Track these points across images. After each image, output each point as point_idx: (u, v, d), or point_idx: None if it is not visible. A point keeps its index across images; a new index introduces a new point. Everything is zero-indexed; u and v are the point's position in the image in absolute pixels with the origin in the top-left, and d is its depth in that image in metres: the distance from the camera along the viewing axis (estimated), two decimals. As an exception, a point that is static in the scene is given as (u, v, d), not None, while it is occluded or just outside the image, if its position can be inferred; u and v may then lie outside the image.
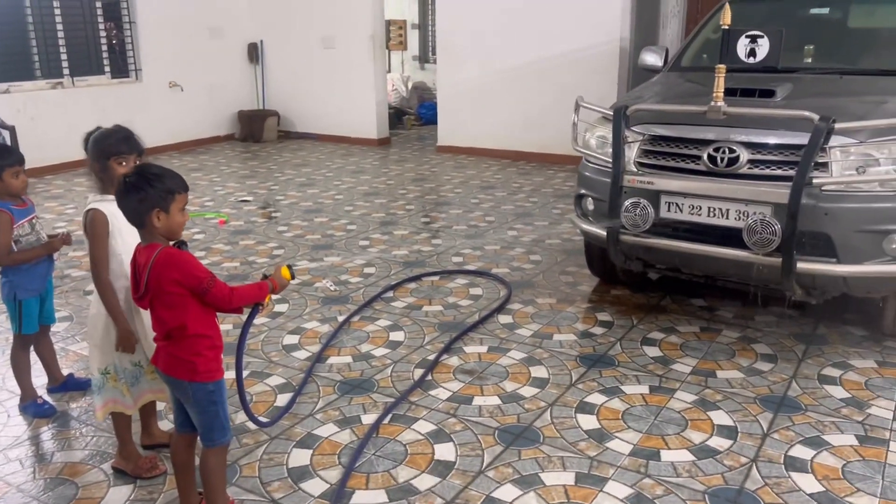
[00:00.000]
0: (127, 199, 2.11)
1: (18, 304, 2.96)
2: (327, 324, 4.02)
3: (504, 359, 3.59)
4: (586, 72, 8.05)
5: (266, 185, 7.51)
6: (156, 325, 2.19)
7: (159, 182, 2.12)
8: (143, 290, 2.12)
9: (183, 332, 2.14)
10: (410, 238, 5.64)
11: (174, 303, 2.14)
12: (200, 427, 2.23)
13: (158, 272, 2.09)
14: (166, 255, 2.11)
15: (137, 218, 2.12)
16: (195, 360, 2.16)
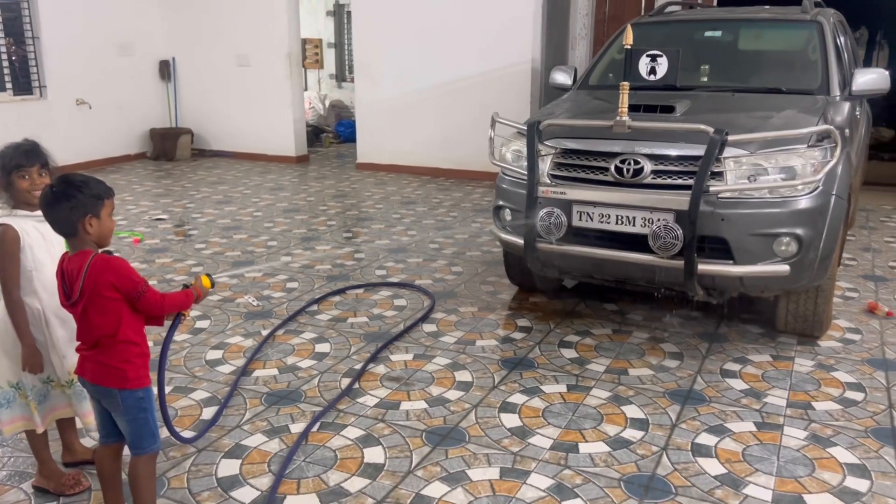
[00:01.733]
0: (56, 207, 2.10)
1: None
2: (251, 338, 4.02)
3: (429, 365, 3.70)
4: (501, 91, 8.33)
5: (181, 204, 7.39)
6: (85, 333, 2.18)
7: (87, 188, 2.13)
8: (78, 295, 2.12)
9: (113, 338, 2.15)
10: (333, 253, 5.69)
11: (108, 308, 2.15)
12: (130, 435, 2.23)
13: (95, 277, 2.10)
14: (102, 260, 2.12)
15: (69, 226, 2.12)
16: (125, 367, 2.16)
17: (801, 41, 4.81)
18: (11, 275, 2.38)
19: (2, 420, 2.52)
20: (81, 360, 2.23)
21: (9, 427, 2.53)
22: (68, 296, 2.16)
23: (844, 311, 4.43)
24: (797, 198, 3.48)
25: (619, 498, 2.63)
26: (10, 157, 2.41)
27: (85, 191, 2.14)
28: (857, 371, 3.66)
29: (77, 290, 2.12)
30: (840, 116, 4.01)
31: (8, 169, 2.40)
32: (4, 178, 2.40)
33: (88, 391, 2.28)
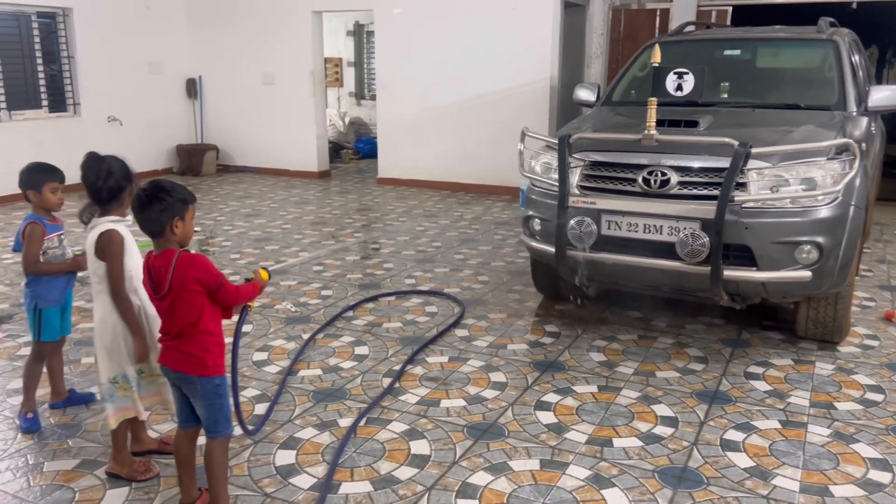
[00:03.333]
0: (148, 210, 2.30)
1: (38, 314, 3.07)
2: (293, 341, 4.21)
3: (465, 367, 3.87)
4: (519, 107, 8.55)
5: (212, 217, 7.62)
6: (169, 324, 2.38)
7: (175, 192, 2.34)
8: (166, 290, 2.31)
9: (195, 328, 2.34)
10: (362, 263, 5.89)
11: (192, 301, 2.35)
12: (206, 419, 2.42)
13: (181, 273, 2.30)
14: (187, 257, 2.32)
15: (157, 227, 2.32)
16: (204, 356, 2.36)
17: (817, 59, 5.00)
18: (120, 274, 2.60)
19: (108, 413, 2.73)
20: (164, 349, 2.42)
21: (114, 418, 2.73)
22: (156, 290, 2.35)
23: (862, 319, 4.58)
24: (817, 208, 3.66)
25: (654, 487, 2.79)
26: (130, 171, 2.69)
27: (174, 195, 2.35)
28: (877, 374, 3.81)
29: (166, 285, 2.31)
30: (858, 130, 4.19)
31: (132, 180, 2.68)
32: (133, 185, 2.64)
33: (170, 379, 2.47)
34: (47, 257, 3.06)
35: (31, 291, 3.09)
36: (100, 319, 2.68)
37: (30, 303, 3.10)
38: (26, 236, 2.99)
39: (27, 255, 3.00)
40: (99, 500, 2.66)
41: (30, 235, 2.99)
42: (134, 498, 2.68)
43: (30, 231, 2.99)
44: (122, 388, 2.69)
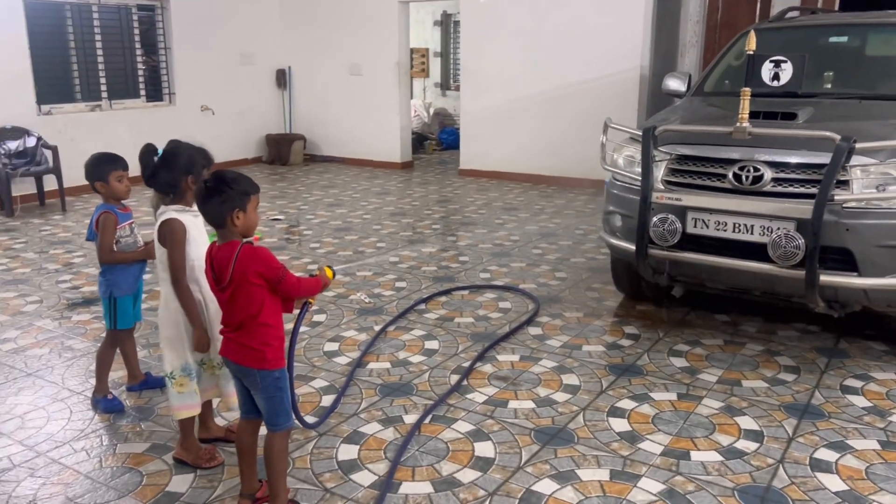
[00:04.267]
0: (210, 202, 2.30)
1: (114, 302, 3.17)
2: (364, 332, 4.19)
3: (536, 367, 3.75)
4: (607, 97, 8.28)
5: (295, 205, 7.74)
6: (230, 315, 2.37)
7: (237, 185, 2.32)
8: (228, 281, 2.31)
9: (255, 320, 2.33)
10: (438, 255, 5.83)
11: (252, 293, 2.34)
12: (266, 412, 2.40)
13: (244, 265, 2.28)
14: (249, 249, 2.31)
15: (219, 218, 2.31)
16: (264, 349, 2.34)
17: (936, 46, 4.56)
18: (181, 264, 2.62)
19: (172, 405, 2.76)
20: (225, 341, 2.42)
21: (178, 413, 2.77)
22: (217, 281, 2.35)
23: (980, 332, 4.16)
24: (931, 209, 3.32)
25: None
26: (202, 155, 2.68)
27: (234, 187, 2.33)
28: None
29: (227, 277, 2.31)
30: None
31: (202, 164, 2.67)
32: (198, 171, 2.64)
33: (231, 370, 2.47)
34: (120, 246, 3.13)
35: (106, 280, 3.17)
36: (163, 307, 2.71)
37: (105, 291, 3.19)
38: (100, 226, 3.07)
39: (102, 245, 3.08)
40: (164, 486, 2.70)
41: (103, 225, 3.06)
42: (198, 485, 2.71)
43: (103, 220, 3.07)
44: (180, 383, 2.70)
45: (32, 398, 3.39)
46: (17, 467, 2.81)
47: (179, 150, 2.66)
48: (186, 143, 2.71)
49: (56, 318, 4.42)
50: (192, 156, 2.66)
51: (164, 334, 2.72)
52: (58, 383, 3.54)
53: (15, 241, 6.26)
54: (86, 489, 2.67)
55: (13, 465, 2.82)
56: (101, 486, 2.69)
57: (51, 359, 3.83)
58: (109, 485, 2.70)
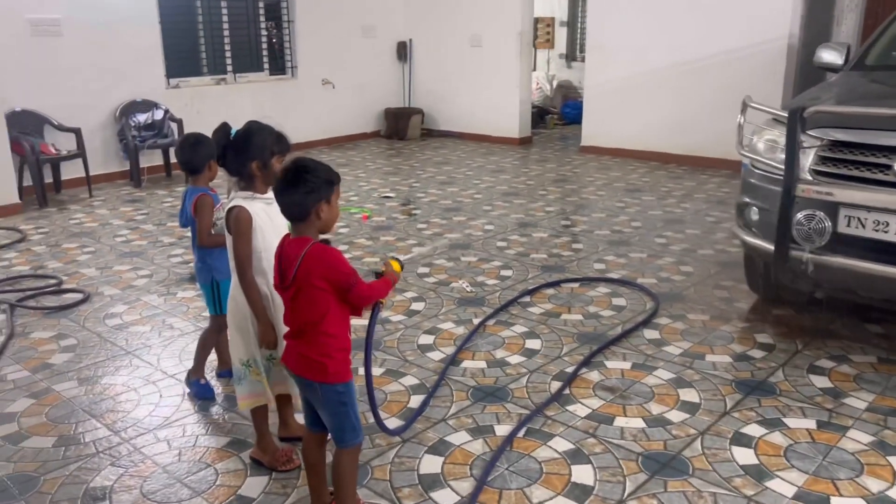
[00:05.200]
0: (292, 192, 2.07)
1: (216, 286, 3.10)
2: (462, 325, 3.93)
3: (650, 378, 3.34)
4: (748, 71, 7.50)
5: (408, 183, 7.58)
6: (290, 318, 2.16)
7: (322, 173, 2.10)
8: (291, 280, 2.10)
9: (315, 328, 2.11)
10: (549, 241, 5.46)
11: (315, 298, 2.11)
12: (331, 428, 2.19)
13: (309, 266, 2.07)
14: (319, 249, 2.08)
15: (302, 210, 2.09)
16: (325, 361, 2.12)
17: None
18: (246, 255, 2.44)
19: (238, 395, 2.64)
20: (287, 348, 2.21)
21: (244, 402, 2.64)
22: (282, 278, 2.14)
23: None
24: None
25: (884, 577, 2.14)
26: (275, 141, 2.47)
27: (320, 175, 2.11)
28: None
29: (291, 276, 2.10)
30: None
31: (273, 151, 2.47)
32: (264, 160, 2.45)
33: (294, 380, 2.27)
34: (217, 229, 3.02)
35: (206, 265, 3.08)
36: (231, 298, 2.56)
37: (206, 277, 3.11)
38: (198, 209, 2.98)
39: (202, 228, 2.99)
40: (237, 488, 2.57)
41: (202, 208, 2.97)
42: (271, 490, 2.56)
43: (201, 203, 2.97)
44: (255, 372, 2.55)
45: (127, 379, 3.39)
46: (99, 454, 2.77)
47: (251, 133, 2.46)
48: (262, 126, 2.51)
49: (162, 293, 4.46)
50: (263, 140, 2.46)
51: (232, 324, 2.58)
52: (153, 364, 3.53)
53: (138, 212, 6.48)
54: (161, 484, 2.59)
55: (97, 451, 2.79)
56: (176, 483, 2.60)
57: (150, 337, 3.84)
58: (184, 481, 2.61)
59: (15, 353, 3.64)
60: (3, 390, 3.28)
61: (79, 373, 3.43)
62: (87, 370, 3.46)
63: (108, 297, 4.42)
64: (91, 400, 3.18)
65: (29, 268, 4.95)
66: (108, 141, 7.60)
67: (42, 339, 3.80)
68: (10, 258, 5.16)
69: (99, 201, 6.87)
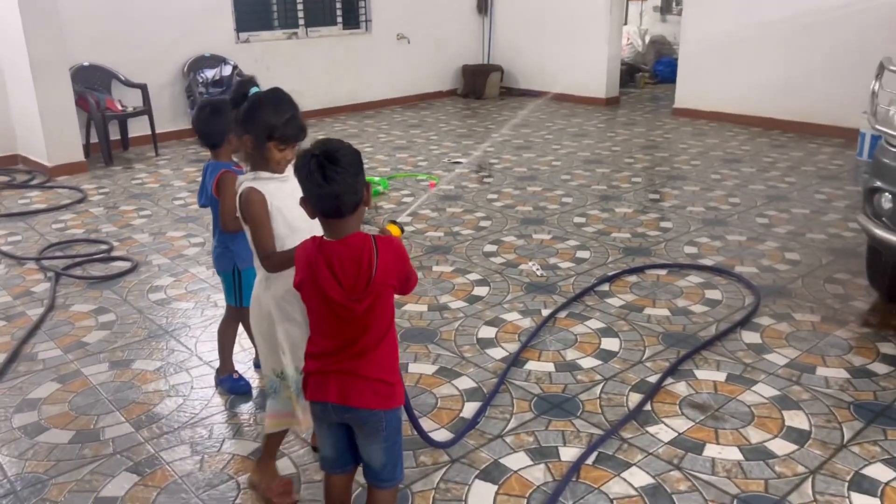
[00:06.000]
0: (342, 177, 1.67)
1: (238, 275, 2.76)
2: (529, 317, 3.49)
3: (748, 394, 2.83)
4: (871, 26, 6.58)
5: (481, 146, 7.09)
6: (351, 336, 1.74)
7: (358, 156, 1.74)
8: (365, 290, 1.69)
9: (383, 340, 1.76)
10: (634, 218, 4.90)
11: (389, 302, 1.78)
12: (381, 464, 1.81)
13: (387, 265, 1.70)
14: (388, 242, 1.73)
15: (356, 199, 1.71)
16: (394, 378, 1.78)
17: None
18: (265, 242, 2.04)
19: (268, 411, 2.25)
20: (325, 378, 1.78)
21: (272, 421, 2.24)
22: (350, 290, 1.71)
23: None
24: None
25: None
26: (278, 122, 2.00)
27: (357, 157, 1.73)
28: None
29: (365, 283, 1.69)
30: None
31: (271, 134, 2.01)
32: (258, 139, 2.03)
33: (333, 419, 1.83)
34: None
35: (228, 252, 2.73)
36: (255, 299, 2.18)
37: (227, 264, 2.75)
38: (221, 188, 2.58)
39: (226, 210, 2.56)
40: (257, 510, 2.25)
41: (224, 186, 2.55)
42: (294, 515, 2.23)
43: (224, 181, 2.56)
44: (287, 387, 2.18)
45: (161, 364, 3.13)
46: (117, 455, 2.51)
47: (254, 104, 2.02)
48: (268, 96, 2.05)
49: (210, 265, 4.19)
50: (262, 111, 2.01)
51: (257, 330, 2.20)
52: (190, 349, 3.26)
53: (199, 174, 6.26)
54: (175, 499, 2.29)
55: (114, 451, 2.53)
56: (192, 498, 2.30)
57: (192, 316, 3.57)
58: (201, 496, 2.31)
59: (52, 328, 3.45)
60: (32, 371, 3.07)
61: (111, 354, 3.20)
62: (121, 351, 3.22)
63: (155, 266, 4.20)
64: (118, 388, 2.93)
65: (83, 231, 4.80)
66: (175, 97, 7.42)
67: (81, 313, 3.60)
68: (66, 220, 5.03)
69: (164, 160, 6.71)
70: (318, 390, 1.79)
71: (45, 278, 4.00)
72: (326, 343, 1.78)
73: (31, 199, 5.52)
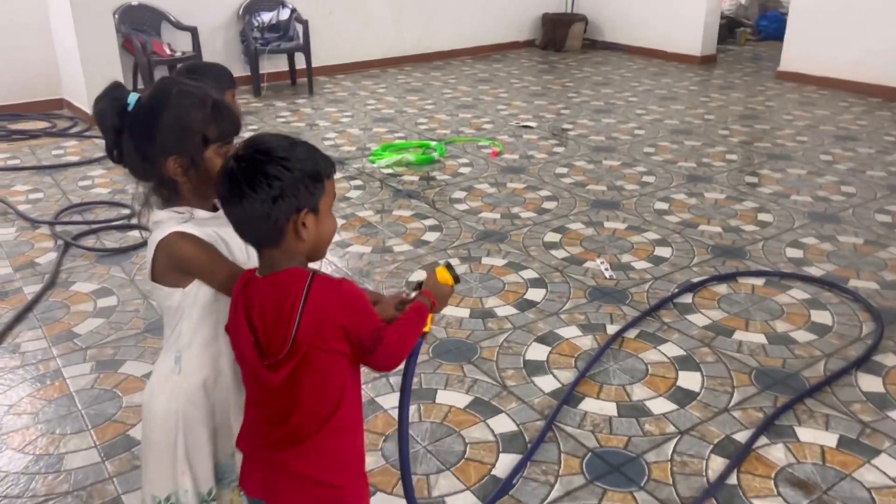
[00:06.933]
0: (248, 197, 1.17)
1: None
2: (591, 334, 2.89)
3: (867, 470, 2.18)
4: None
5: (556, 108, 6.37)
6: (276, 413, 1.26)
7: (300, 161, 1.20)
8: (287, 349, 1.20)
9: (328, 423, 1.25)
10: (727, 207, 4.17)
11: (331, 370, 1.26)
12: None
13: (320, 314, 1.20)
14: (326, 285, 1.22)
15: (269, 229, 1.20)
16: (341, 480, 1.28)
17: None
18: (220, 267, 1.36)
19: None
20: (253, 465, 1.31)
21: None
22: (265, 349, 1.23)
23: None
24: None
25: None
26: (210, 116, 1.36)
27: (295, 165, 1.19)
28: None
29: (288, 340, 1.20)
30: None
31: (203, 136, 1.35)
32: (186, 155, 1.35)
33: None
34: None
35: None
36: (152, 393, 1.46)
37: None
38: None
39: None
40: None
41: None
42: None
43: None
44: None
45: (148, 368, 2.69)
46: (70, 495, 2.09)
47: (162, 103, 1.36)
48: (185, 87, 1.38)
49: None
50: (185, 116, 1.35)
51: (148, 442, 1.47)
52: (189, 347, 2.82)
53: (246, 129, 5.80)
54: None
55: (70, 489, 2.11)
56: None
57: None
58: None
59: (45, 311, 3.07)
60: (8, 368, 2.69)
61: (100, 351, 2.78)
62: (112, 348, 2.81)
63: (176, 239, 3.77)
64: (97, 397, 2.52)
65: (109, 191, 4.42)
66: (229, 42, 6.95)
67: (80, 295, 3.20)
68: (94, 176, 4.66)
69: (213, 111, 6.28)
70: (251, 482, 1.33)
71: (54, 247, 3.64)
72: (253, 412, 1.33)
73: (66, 150, 5.19)
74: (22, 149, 5.21)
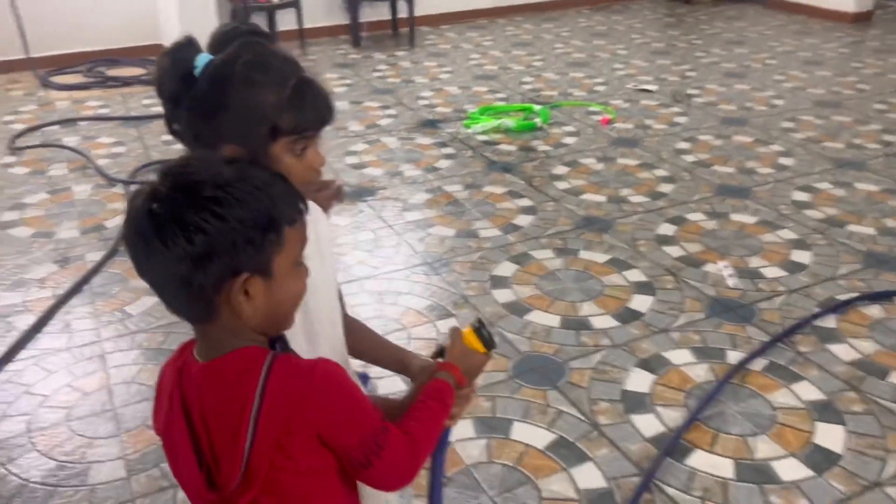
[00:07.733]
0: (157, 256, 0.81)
1: None
2: (705, 362, 2.39)
3: None
4: None
5: (680, 70, 5.66)
6: None
7: (242, 205, 0.82)
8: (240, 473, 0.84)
9: None
10: (883, 203, 3.48)
11: (309, 497, 0.90)
12: None
13: (282, 420, 0.84)
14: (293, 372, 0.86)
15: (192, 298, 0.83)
16: None
17: None
18: None
19: None
20: None
21: None
22: (213, 476, 0.87)
23: None
24: None
25: None
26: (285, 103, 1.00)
27: (232, 211, 0.81)
28: None
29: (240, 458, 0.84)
30: None
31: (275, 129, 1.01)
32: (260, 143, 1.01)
33: None
34: None
35: None
36: None
37: None
38: None
39: None
40: None
41: None
42: None
43: None
44: None
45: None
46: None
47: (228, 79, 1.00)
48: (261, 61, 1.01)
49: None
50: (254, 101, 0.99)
51: None
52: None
53: (341, 81, 5.47)
54: None
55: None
56: None
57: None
58: None
59: (102, 285, 2.87)
60: (53, 349, 2.50)
61: (150, 338, 2.55)
62: (163, 334, 2.57)
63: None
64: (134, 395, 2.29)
65: (190, 148, 4.21)
66: (330, -12, 6.61)
67: (141, 267, 2.99)
68: (178, 132, 4.47)
69: (309, 61, 5.98)
70: None
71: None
72: None
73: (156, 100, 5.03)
74: (114, 97, 5.10)
